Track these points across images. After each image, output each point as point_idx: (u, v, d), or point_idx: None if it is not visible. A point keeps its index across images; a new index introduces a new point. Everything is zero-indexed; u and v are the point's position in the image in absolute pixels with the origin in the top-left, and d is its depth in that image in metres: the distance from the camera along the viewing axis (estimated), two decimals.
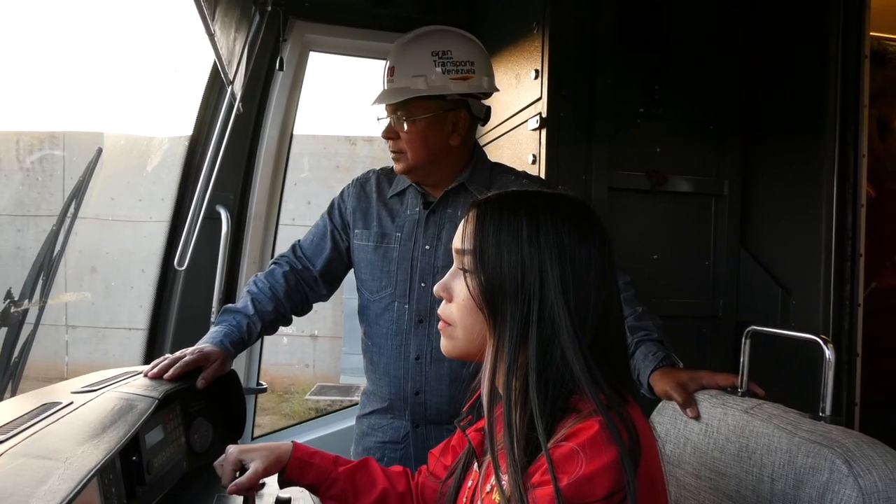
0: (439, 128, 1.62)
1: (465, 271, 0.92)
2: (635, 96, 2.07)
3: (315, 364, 7.27)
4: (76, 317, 5.65)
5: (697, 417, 1.26)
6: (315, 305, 1.81)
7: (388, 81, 1.64)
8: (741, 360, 1.28)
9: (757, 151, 2.12)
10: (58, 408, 1.09)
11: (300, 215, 6.21)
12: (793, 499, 1.02)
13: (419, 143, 1.61)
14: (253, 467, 1.12)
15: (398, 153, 1.63)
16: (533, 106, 2.07)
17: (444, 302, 0.97)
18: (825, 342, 1.11)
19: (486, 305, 0.89)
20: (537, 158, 2.02)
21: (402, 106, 1.60)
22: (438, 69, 1.61)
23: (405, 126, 1.60)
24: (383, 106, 1.65)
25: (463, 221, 0.95)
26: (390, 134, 1.63)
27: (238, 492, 1.11)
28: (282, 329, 1.76)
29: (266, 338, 1.77)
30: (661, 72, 2.07)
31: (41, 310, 1.95)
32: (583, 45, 2.02)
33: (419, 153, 1.62)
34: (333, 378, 7.17)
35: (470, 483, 1.03)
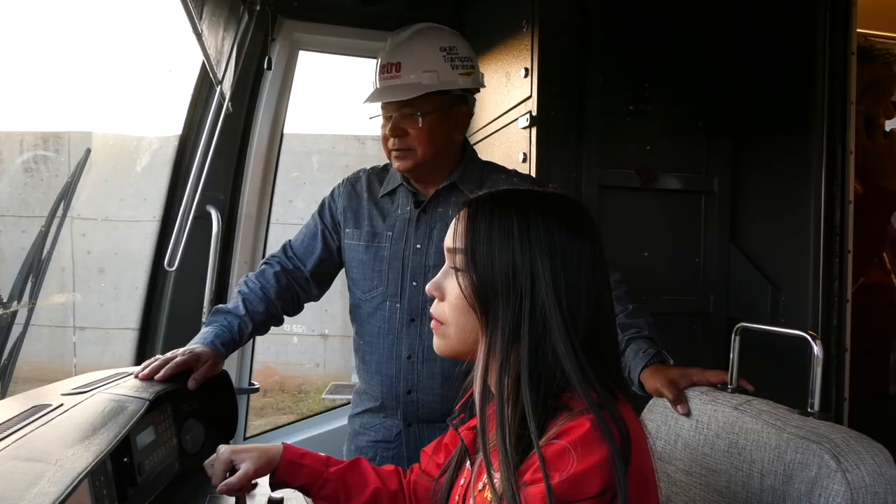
0: (446, 123, 1.64)
1: (456, 270, 0.92)
2: (625, 94, 2.08)
3: (326, 363, 7.25)
4: (84, 318, 5.61)
5: (688, 414, 1.27)
6: (325, 305, 1.81)
7: (393, 77, 1.62)
8: (731, 356, 1.28)
9: (746, 148, 2.14)
10: (48, 410, 1.09)
11: (310, 215, 6.15)
12: (782, 494, 1.03)
13: (429, 139, 1.61)
14: (243, 468, 1.12)
15: (405, 150, 1.62)
16: (523, 104, 2.08)
17: (436, 301, 0.98)
18: (813, 338, 1.12)
19: (478, 304, 0.89)
20: (528, 157, 2.02)
21: (412, 102, 1.59)
22: (448, 65, 1.62)
23: (419, 122, 1.60)
24: (377, 104, 1.65)
25: (454, 220, 0.95)
26: (398, 131, 1.61)
27: (228, 492, 1.11)
28: (292, 328, 1.76)
29: (276, 337, 1.77)
30: (650, 70, 2.08)
31: (30, 311, 1.93)
32: (572, 44, 2.02)
33: (428, 149, 1.62)
34: (344, 377, 7.14)
35: (462, 481, 1.03)
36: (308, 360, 7.09)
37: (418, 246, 1.65)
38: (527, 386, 0.84)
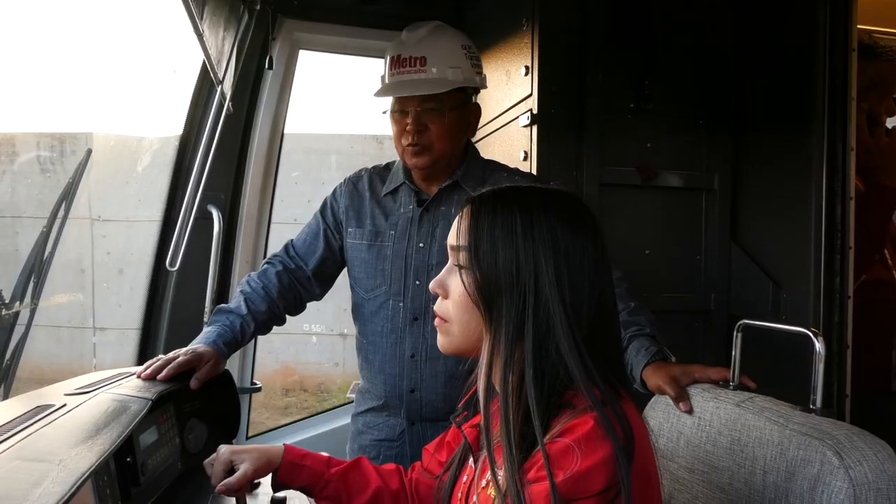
0: (463, 120, 1.65)
1: (460, 268, 0.92)
2: (625, 92, 2.08)
3: (345, 362, 7.23)
4: (103, 319, 5.60)
5: (690, 411, 1.27)
6: (344, 304, 1.82)
7: (418, 72, 1.61)
8: (733, 353, 1.28)
9: (747, 145, 2.13)
10: (51, 410, 1.09)
11: None
12: (784, 491, 1.03)
13: (448, 136, 1.61)
14: (242, 469, 1.12)
15: (423, 146, 1.60)
16: (524, 102, 2.08)
17: (439, 298, 0.98)
18: (815, 335, 1.12)
19: (482, 301, 0.90)
20: (528, 155, 2.02)
21: (435, 97, 1.59)
22: (468, 62, 1.64)
23: (444, 117, 1.59)
24: (384, 98, 1.65)
25: (457, 218, 0.95)
26: (419, 126, 1.60)
27: (227, 492, 1.11)
28: (311, 328, 1.77)
29: (295, 337, 1.78)
30: (650, 67, 2.08)
31: (32, 312, 1.93)
32: (572, 42, 2.02)
33: (447, 145, 1.62)
34: None
35: (465, 478, 1.04)
36: (327, 360, 7.06)
37: (421, 244, 1.65)
38: (531, 382, 0.84)
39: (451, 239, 0.95)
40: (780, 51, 1.99)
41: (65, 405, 1.12)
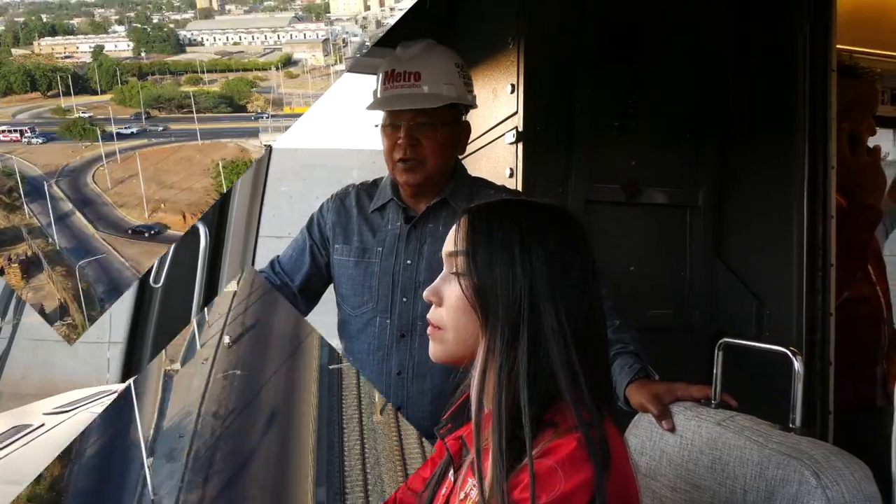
0: (454, 137, 1.65)
1: (457, 274, 0.93)
2: (610, 110, 2.09)
3: None
4: (118, 334, 5.56)
5: (673, 430, 1.27)
6: None
7: (412, 87, 1.62)
8: (714, 371, 1.29)
9: (730, 162, 2.15)
10: (29, 430, 1.08)
11: None
12: None
13: (441, 152, 1.61)
14: None
15: (416, 161, 1.60)
16: (509, 120, 2.09)
17: (433, 307, 0.98)
18: (794, 354, 1.13)
19: (479, 305, 0.90)
20: (514, 172, 2.03)
21: (428, 112, 1.59)
22: (461, 80, 1.65)
23: (437, 133, 1.60)
24: (380, 112, 1.65)
25: (454, 227, 0.96)
26: (412, 140, 1.60)
27: None
28: (334, 340, 1.76)
29: None
30: (635, 85, 2.10)
31: (14, 328, 1.92)
32: (558, 60, 2.04)
33: (439, 162, 1.62)
34: None
35: (444, 491, 1.03)
36: None
37: (409, 262, 1.65)
38: (524, 385, 0.85)
39: (448, 246, 0.96)
40: (764, 71, 2.02)
41: (42, 425, 1.11)
